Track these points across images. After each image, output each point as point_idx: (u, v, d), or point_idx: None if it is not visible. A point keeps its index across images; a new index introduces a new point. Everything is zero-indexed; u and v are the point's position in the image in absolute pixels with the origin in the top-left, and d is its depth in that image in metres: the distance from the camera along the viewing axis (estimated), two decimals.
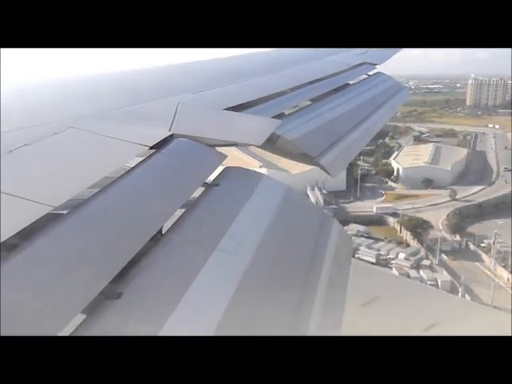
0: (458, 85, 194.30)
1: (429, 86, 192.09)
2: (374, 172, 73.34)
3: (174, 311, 1.65)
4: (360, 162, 71.29)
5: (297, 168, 60.79)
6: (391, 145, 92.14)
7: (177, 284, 1.81)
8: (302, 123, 4.09)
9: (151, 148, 2.53)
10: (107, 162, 2.32)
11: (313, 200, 58.32)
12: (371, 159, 79.28)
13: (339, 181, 63.18)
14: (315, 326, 2.04)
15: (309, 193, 60.79)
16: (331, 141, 3.98)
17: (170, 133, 2.76)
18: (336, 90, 5.47)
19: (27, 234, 1.60)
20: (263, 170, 55.52)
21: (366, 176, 70.53)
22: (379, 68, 7.36)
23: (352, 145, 4.36)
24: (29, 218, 1.62)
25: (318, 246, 2.63)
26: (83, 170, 2.19)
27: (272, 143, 3.38)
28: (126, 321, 1.58)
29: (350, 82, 6.12)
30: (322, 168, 3.54)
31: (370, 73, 7.01)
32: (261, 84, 4.58)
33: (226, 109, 3.56)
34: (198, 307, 1.76)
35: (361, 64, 6.90)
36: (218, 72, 5.29)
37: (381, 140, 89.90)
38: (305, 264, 2.41)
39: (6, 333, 1.25)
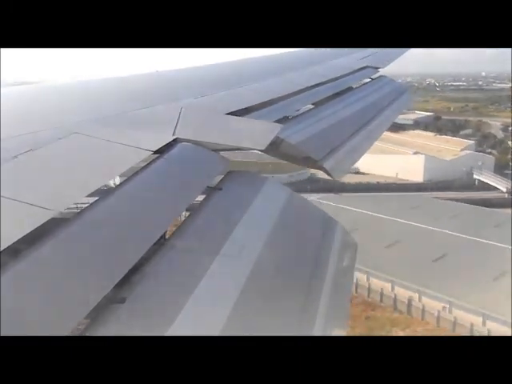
0: (480, 82, 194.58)
1: (453, 83, 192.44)
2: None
3: (178, 316, 1.65)
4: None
5: (449, 154, 63.54)
6: (498, 136, 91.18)
7: (181, 289, 1.81)
8: (305, 127, 4.09)
9: (155, 152, 2.54)
10: (111, 167, 2.33)
11: (491, 182, 57.89)
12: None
13: (487, 167, 63.19)
14: (320, 329, 2.04)
15: (478, 176, 60.61)
16: (335, 144, 3.98)
17: (174, 137, 2.77)
18: (339, 94, 5.47)
19: (32, 239, 1.60)
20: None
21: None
22: (386, 71, 7.36)
23: (355, 148, 4.36)
24: (33, 222, 1.63)
25: (322, 249, 2.62)
26: (87, 175, 2.20)
27: (275, 147, 3.39)
28: (130, 325, 1.58)
29: (353, 86, 6.13)
30: (326, 171, 3.54)
31: (374, 76, 7.01)
32: (264, 88, 4.59)
33: (229, 113, 3.57)
34: (202, 312, 1.76)
35: (364, 68, 6.90)
36: (220, 77, 5.30)
37: (461, 132, 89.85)
38: (309, 267, 2.40)
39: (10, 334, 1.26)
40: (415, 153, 60.94)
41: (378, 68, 7.25)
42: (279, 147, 3.43)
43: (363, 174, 57.21)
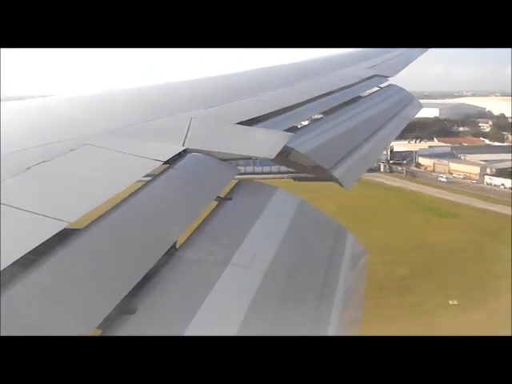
0: None
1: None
2: None
3: (189, 325, 1.64)
4: None
5: None
6: None
7: (191, 298, 1.81)
8: (314, 136, 4.09)
9: (165, 163, 2.56)
10: (122, 177, 2.34)
11: None
12: None
13: None
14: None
15: None
16: (344, 153, 3.97)
17: (184, 148, 2.79)
18: (348, 103, 5.48)
19: (44, 250, 1.62)
20: None
21: None
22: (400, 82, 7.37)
23: (365, 157, 4.35)
24: (46, 233, 1.64)
25: (332, 259, 2.61)
26: (99, 186, 2.22)
27: (285, 156, 3.39)
28: (140, 336, 1.58)
29: (362, 95, 6.13)
30: (335, 180, 3.53)
31: (382, 85, 7.01)
32: (273, 98, 4.60)
33: (238, 123, 3.59)
34: (213, 321, 1.76)
35: (372, 76, 6.91)
36: (229, 87, 5.33)
37: None
38: (320, 277, 2.39)
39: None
40: None
41: (387, 77, 7.26)
42: (288, 156, 3.44)
43: None
